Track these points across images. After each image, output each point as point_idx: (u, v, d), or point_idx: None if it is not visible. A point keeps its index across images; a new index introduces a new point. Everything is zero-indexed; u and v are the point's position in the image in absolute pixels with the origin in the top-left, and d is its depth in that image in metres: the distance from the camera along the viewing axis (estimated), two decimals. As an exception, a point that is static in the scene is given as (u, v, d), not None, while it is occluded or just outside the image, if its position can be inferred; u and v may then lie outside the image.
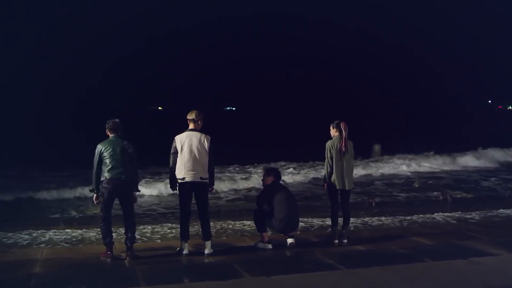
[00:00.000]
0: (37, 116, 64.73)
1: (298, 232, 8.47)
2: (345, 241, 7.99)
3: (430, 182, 18.38)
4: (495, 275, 5.98)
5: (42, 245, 8.53)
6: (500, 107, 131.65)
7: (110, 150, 6.81)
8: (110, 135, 7.06)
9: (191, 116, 7.24)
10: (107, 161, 6.77)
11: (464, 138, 33.26)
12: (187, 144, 7.06)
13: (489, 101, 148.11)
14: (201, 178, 7.13)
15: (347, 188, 8.01)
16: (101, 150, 6.83)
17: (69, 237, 9.18)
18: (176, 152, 7.12)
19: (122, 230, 7.45)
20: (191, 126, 7.25)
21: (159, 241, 9.06)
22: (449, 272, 6.08)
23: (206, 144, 7.13)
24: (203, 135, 7.18)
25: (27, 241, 8.88)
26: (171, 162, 7.20)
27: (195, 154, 7.04)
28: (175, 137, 7.19)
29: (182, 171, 7.07)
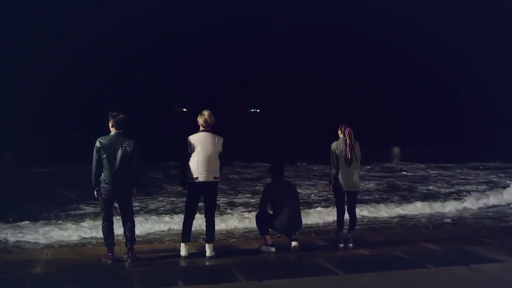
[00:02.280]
0: (42, 115, 65.65)
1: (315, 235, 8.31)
2: (351, 245, 7.86)
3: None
4: (493, 282, 5.82)
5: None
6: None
7: (108, 151, 6.68)
8: (112, 130, 6.85)
9: (202, 117, 7.16)
10: (104, 162, 6.70)
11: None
12: (202, 145, 7.05)
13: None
14: (214, 177, 7.16)
15: (353, 190, 7.89)
16: (99, 148, 6.70)
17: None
18: (189, 152, 7.06)
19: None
20: (202, 127, 7.19)
21: (169, 241, 9.10)
22: (446, 279, 5.93)
23: (219, 145, 7.16)
24: (217, 136, 7.19)
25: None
26: (184, 162, 7.13)
27: (209, 155, 7.05)
28: (189, 137, 7.14)
29: (195, 171, 7.05)
